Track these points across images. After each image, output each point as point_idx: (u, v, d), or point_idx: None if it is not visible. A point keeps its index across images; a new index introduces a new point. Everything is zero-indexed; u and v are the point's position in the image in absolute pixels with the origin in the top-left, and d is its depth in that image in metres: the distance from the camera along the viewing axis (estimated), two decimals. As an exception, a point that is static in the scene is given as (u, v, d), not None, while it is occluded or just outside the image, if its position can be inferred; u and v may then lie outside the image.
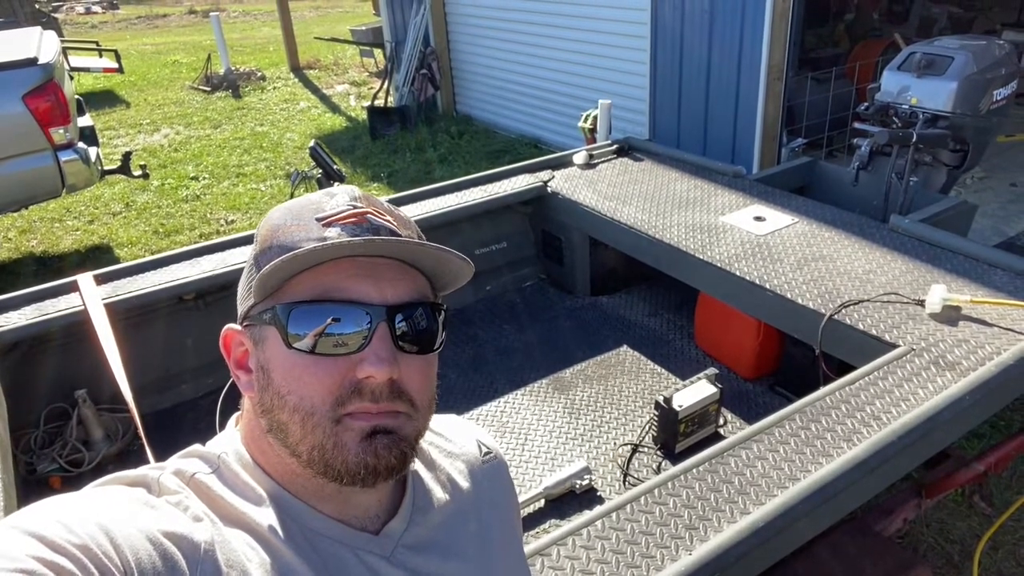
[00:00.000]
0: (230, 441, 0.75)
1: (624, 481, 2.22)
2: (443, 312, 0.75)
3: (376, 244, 0.68)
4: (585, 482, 2.16)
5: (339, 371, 0.67)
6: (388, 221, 0.72)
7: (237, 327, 0.75)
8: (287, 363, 0.68)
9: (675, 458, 2.26)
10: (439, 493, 0.82)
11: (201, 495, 0.68)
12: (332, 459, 0.67)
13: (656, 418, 2.32)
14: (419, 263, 0.73)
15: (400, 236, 0.71)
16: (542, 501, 2.13)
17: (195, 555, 0.62)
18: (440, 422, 0.91)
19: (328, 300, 0.67)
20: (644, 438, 2.36)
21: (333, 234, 0.68)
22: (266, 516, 0.69)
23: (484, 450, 0.91)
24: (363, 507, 0.75)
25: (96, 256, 5.25)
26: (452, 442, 0.89)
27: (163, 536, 0.61)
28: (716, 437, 2.36)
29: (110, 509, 0.60)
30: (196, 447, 0.74)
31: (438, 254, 0.70)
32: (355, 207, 0.71)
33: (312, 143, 3.87)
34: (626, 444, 2.36)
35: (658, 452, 2.33)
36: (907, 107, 3.05)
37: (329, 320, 0.67)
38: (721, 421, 2.41)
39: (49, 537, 0.54)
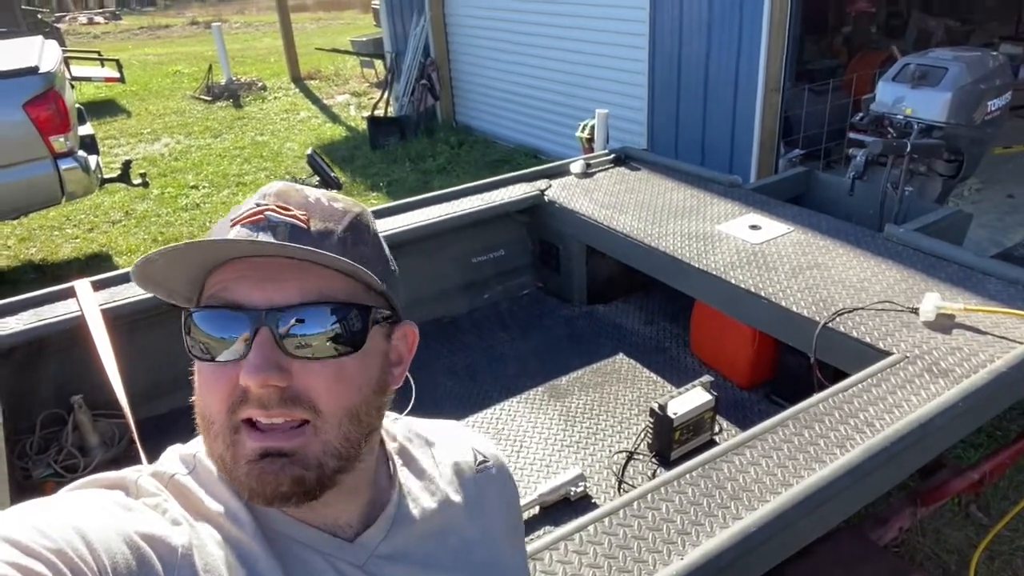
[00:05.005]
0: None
1: (619, 488, 2.22)
2: (358, 312, 0.68)
3: (217, 246, 0.63)
4: (580, 489, 2.16)
5: (229, 378, 0.65)
6: (292, 217, 0.67)
7: None
8: (196, 369, 0.68)
9: (670, 466, 2.26)
10: (426, 503, 0.80)
11: (180, 497, 0.68)
12: (232, 472, 0.66)
13: (651, 425, 2.32)
14: (318, 261, 0.66)
15: (310, 232, 0.66)
16: (537, 508, 2.13)
17: (172, 559, 0.61)
18: (434, 429, 0.89)
19: (214, 305, 0.66)
20: (639, 446, 2.36)
21: (234, 234, 0.66)
22: (241, 519, 0.68)
23: (479, 458, 0.88)
24: (332, 516, 0.73)
25: (95, 264, 5.25)
26: (445, 450, 0.87)
27: (140, 539, 0.60)
28: (711, 445, 2.35)
29: (86, 512, 0.60)
30: (176, 447, 0.74)
31: (304, 255, 0.63)
32: (259, 205, 0.68)
33: (310, 151, 3.89)
34: (621, 452, 2.36)
35: (653, 460, 2.33)
36: (902, 117, 3.07)
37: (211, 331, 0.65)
38: (717, 429, 2.41)
39: (24, 542, 0.53)
